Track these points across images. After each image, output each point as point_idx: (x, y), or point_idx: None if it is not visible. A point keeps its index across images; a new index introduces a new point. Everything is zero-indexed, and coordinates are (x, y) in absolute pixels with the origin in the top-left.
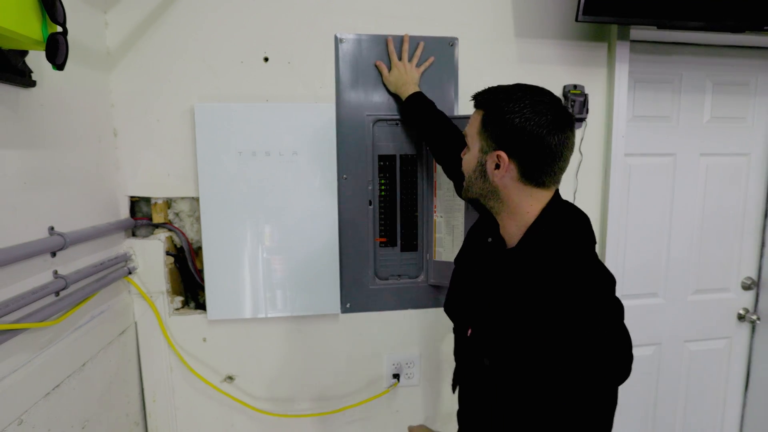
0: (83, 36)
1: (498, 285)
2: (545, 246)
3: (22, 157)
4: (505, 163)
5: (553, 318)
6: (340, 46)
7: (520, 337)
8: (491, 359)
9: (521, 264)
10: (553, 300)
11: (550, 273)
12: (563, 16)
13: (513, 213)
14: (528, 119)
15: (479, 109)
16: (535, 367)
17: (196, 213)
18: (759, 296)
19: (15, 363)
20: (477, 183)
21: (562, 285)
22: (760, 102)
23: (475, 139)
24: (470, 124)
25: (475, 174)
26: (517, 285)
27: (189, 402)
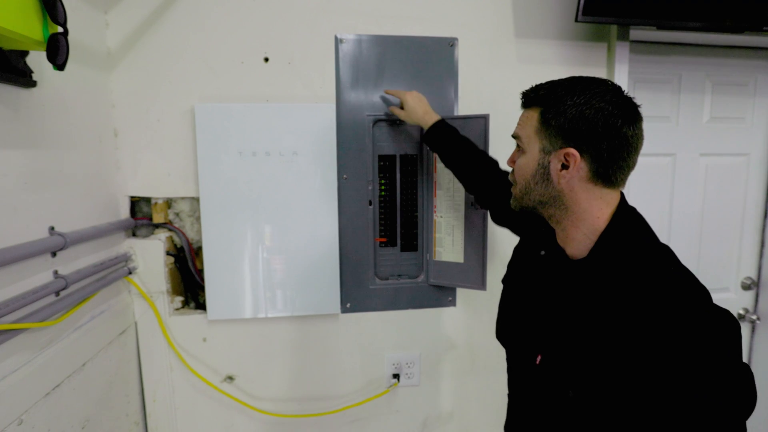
0: (84, 36)
1: (572, 302)
2: (628, 255)
3: (23, 157)
4: (576, 161)
5: (656, 339)
6: (340, 46)
7: (614, 363)
8: (576, 390)
9: (600, 277)
10: (653, 318)
11: (643, 286)
12: (563, 17)
13: (580, 219)
14: (600, 109)
15: (533, 107)
16: (633, 396)
17: (197, 213)
18: (759, 296)
19: (15, 363)
20: (537, 189)
21: (662, 300)
22: (759, 102)
23: (532, 140)
24: (522, 125)
25: (536, 179)
26: (601, 301)
27: (189, 402)
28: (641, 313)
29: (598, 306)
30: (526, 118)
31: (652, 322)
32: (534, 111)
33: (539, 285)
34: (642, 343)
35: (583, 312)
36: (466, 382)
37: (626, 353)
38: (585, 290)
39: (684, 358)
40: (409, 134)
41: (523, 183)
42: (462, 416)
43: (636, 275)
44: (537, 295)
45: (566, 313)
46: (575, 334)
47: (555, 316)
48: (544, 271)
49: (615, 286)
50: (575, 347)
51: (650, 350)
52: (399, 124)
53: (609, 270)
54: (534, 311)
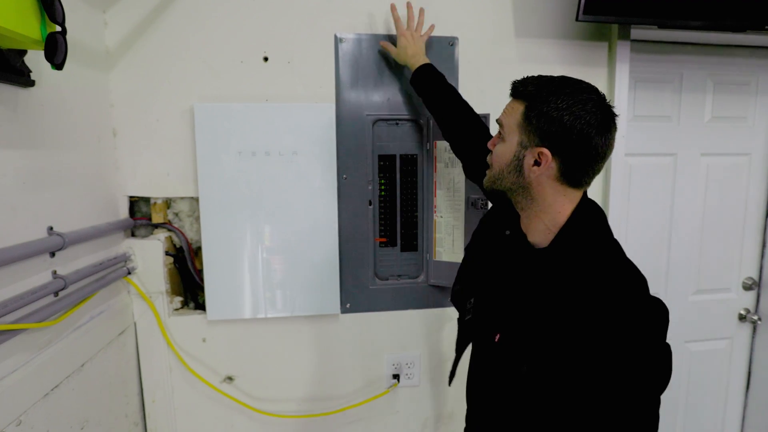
0: (82, 35)
1: (532, 287)
2: (584, 249)
3: (22, 157)
4: (548, 160)
5: (601, 323)
6: (340, 45)
7: (565, 343)
8: (530, 366)
9: (559, 266)
10: (599, 305)
11: (593, 277)
12: (563, 16)
13: (543, 211)
14: (578, 117)
15: (520, 99)
16: (580, 374)
17: (196, 213)
18: (760, 296)
19: (14, 363)
20: (509, 177)
21: (604, 288)
22: (761, 102)
23: (513, 132)
24: (508, 114)
25: (509, 168)
26: (557, 288)
27: (188, 402)
28: (587, 300)
29: (553, 292)
30: (511, 109)
31: (594, 306)
32: (520, 104)
33: (501, 265)
34: (584, 325)
35: (540, 297)
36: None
37: (571, 334)
38: (543, 277)
39: (614, 337)
40: (409, 134)
41: (497, 169)
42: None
43: (587, 267)
44: (498, 275)
45: (525, 297)
46: (532, 316)
47: (515, 298)
48: (507, 252)
49: (569, 275)
50: (531, 328)
51: (589, 330)
52: (399, 124)
53: (566, 260)
54: (495, 291)
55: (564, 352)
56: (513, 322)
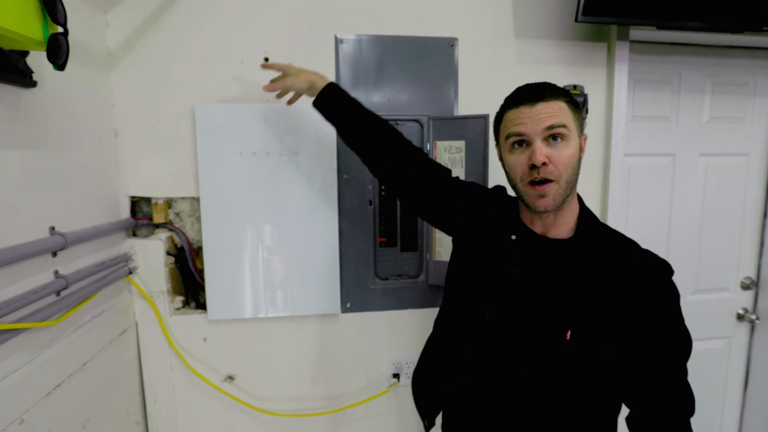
0: (84, 36)
1: (579, 277)
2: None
3: (24, 158)
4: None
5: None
6: (340, 46)
7: (630, 316)
8: (612, 347)
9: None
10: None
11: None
12: (563, 17)
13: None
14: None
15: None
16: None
17: (197, 213)
18: (758, 296)
19: (16, 362)
20: (576, 173)
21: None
22: (759, 102)
23: (573, 128)
24: (558, 114)
25: (578, 163)
26: (603, 270)
27: (190, 401)
28: (626, 274)
29: (598, 277)
30: (558, 109)
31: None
32: (559, 101)
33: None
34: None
35: (591, 284)
36: None
37: (631, 306)
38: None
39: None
40: (410, 134)
41: (571, 172)
42: None
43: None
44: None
45: (579, 289)
46: (595, 304)
47: (570, 293)
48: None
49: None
50: (600, 314)
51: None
52: (399, 124)
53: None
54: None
55: (631, 324)
56: (581, 315)
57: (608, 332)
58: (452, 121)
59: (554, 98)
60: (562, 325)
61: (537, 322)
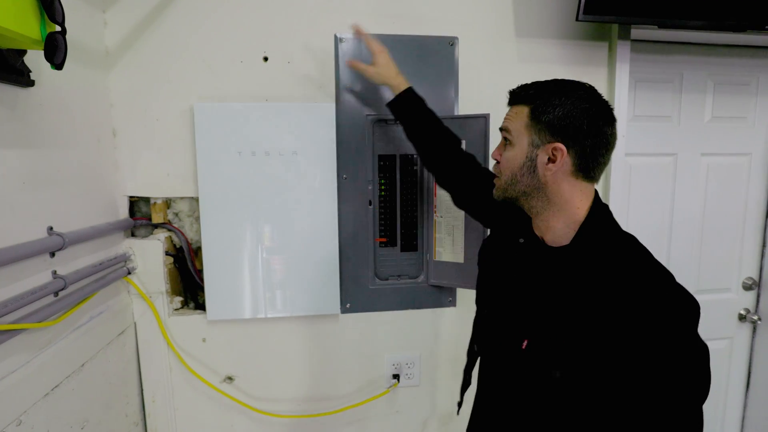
0: (82, 35)
1: (555, 287)
2: (607, 243)
3: (21, 157)
4: (563, 155)
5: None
6: (340, 45)
7: (597, 343)
8: (563, 371)
9: (580, 263)
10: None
11: (621, 271)
12: (564, 16)
13: (561, 210)
14: (586, 110)
15: (521, 104)
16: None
17: (196, 213)
18: (760, 296)
19: (14, 363)
20: (523, 180)
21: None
22: (761, 102)
23: (522, 134)
24: (513, 118)
25: (522, 171)
26: (584, 286)
27: (188, 402)
28: (617, 297)
29: (579, 290)
30: (515, 114)
31: (626, 304)
32: (523, 107)
33: (519, 271)
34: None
35: (567, 296)
36: None
37: (603, 333)
38: (567, 276)
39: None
40: None
41: (509, 174)
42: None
43: (612, 262)
44: (518, 282)
45: (550, 298)
46: (560, 318)
47: (539, 301)
48: (523, 258)
49: (595, 272)
50: (560, 330)
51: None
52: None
53: (589, 257)
54: (517, 298)
55: (597, 353)
56: (540, 326)
57: (566, 352)
58: (452, 121)
59: (517, 104)
60: (521, 334)
61: (506, 326)
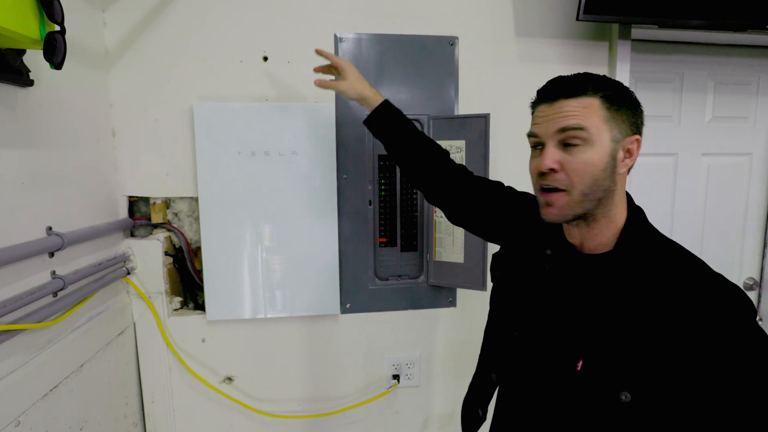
0: (81, 35)
1: (606, 299)
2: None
3: (20, 157)
4: (639, 149)
5: (701, 326)
6: (340, 45)
7: (667, 356)
8: (633, 391)
9: (631, 270)
10: (693, 305)
11: (675, 276)
12: (564, 15)
13: (614, 215)
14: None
15: (585, 94)
16: (692, 389)
17: (195, 213)
18: (761, 297)
19: (12, 364)
20: (605, 185)
21: (697, 288)
22: (762, 101)
23: (601, 129)
24: (582, 114)
25: (605, 174)
26: (637, 295)
27: (188, 403)
28: (675, 301)
29: (632, 299)
30: (581, 107)
31: (686, 308)
32: (590, 98)
33: (553, 286)
34: (681, 331)
35: (620, 307)
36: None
37: (670, 343)
38: (614, 285)
39: (721, 337)
40: None
41: (590, 181)
42: None
43: (661, 266)
44: (555, 297)
45: (602, 311)
46: (618, 331)
47: (589, 315)
48: (555, 271)
49: (645, 278)
50: (622, 345)
51: (689, 336)
52: None
53: (636, 262)
54: (559, 314)
55: (667, 366)
56: (597, 342)
57: (632, 371)
58: (452, 121)
59: (579, 95)
60: (574, 353)
61: (552, 346)
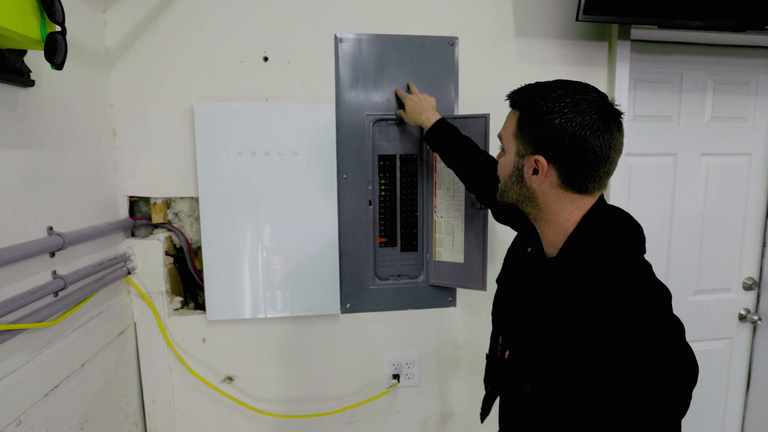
0: (82, 35)
1: (537, 300)
2: (587, 256)
3: (21, 157)
4: (544, 168)
5: (603, 338)
6: (340, 45)
7: (565, 360)
8: (532, 385)
9: (562, 276)
10: (601, 317)
11: (596, 286)
12: (564, 16)
13: (551, 221)
14: (569, 119)
15: (515, 109)
16: (583, 394)
17: (196, 213)
18: (760, 296)
19: (14, 363)
20: (513, 188)
21: (612, 299)
22: (761, 102)
23: (511, 142)
24: (505, 126)
25: (512, 179)
26: (559, 300)
27: (188, 403)
28: (596, 315)
29: (560, 305)
30: (509, 120)
31: (600, 321)
32: (515, 113)
33: (521, 281)
34: (590, 342)
35: (547, 310)
36: (467, 382)
37: (579, 351)
38: (552, 288)
39: (622, 355)
40: (409, 134)
41: (502, 181)
42: (462, 417)
43: (595, 277)
44: (517, 291)
45: (533, 310)
46: (538, 331)
47: (523, 312)
48: (527, 268)
49: (576, 287)
50: (535, 343)
51: (595, 349)
52: (399, 123)
53: (572, 270)
54: (510, 307)
55: (568, 369)
56: (520, 337)
57: (536, 365)
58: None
59: (514, 108)
60: (505, 344)
61: (497, 335)
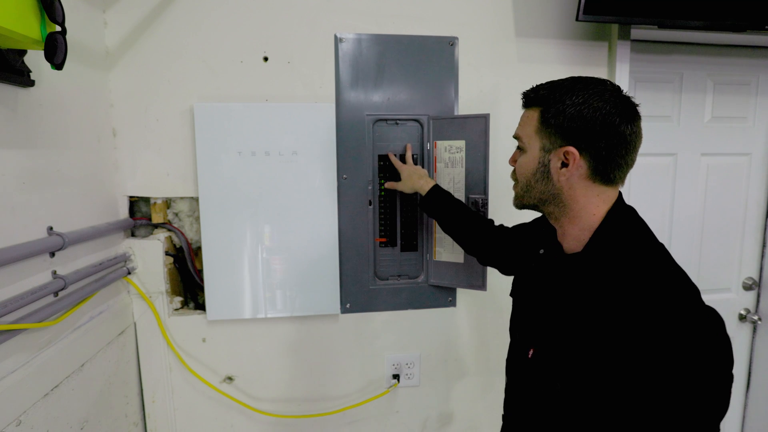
0: (82, 35)
1: (564, 296)
2: (617, 249)
3: (21, 157)
4: (576, 159)
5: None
6: (340, 45)
7: (601, 356)
8: (564, 384)
9: (591, 271)
10: (636, 311)
11: (631, 280)
12: (564, 16)
13: (577, 216)
14: (598, 108)
15: (533, 107)
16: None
17: (196, 213)
18: (760, 296)
19: (14, 363)
20: (538, 186)
21: (650, 293)
22: (761, 102)
23: (533, 139)
24: (523, 124)
25: (535, 177)
26: (587, 294)
27: (188, 403)
28: (629, 309)
29: (588, 300)
30: (526, 118)
31: (638, 318)
32: (534, 111)
33: (537, 281)
34: (627, 339)
35: (574, 306)
36: (467, 382)
37: (612, 348)
38: (577, 284)
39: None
40: (410, 134)
41: (524, 181)
42: (462, 417)
43: (626, 271)
44: (534, 291)
45: (558, 307)
46: (565, 328)
47: (548, 310)
48: (542, 268)
49: (605, 281)
50: (564, 341)
51: (635, 346)
52: (399, 123)
53: (601, 264)
54: (530, 306)
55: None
56: (546, 336)
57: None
58: (452, 121)
59: (530, 107)
60: (529, 342)
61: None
